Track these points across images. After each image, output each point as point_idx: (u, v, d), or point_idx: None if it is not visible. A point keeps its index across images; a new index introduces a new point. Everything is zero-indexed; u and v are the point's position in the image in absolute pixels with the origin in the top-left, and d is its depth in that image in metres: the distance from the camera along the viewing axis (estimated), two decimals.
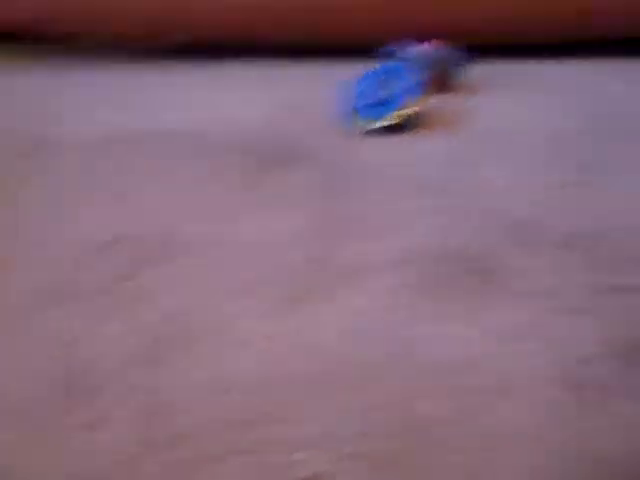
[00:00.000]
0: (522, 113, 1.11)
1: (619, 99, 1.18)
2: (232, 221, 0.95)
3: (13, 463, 0.67)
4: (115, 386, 0.74)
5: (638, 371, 0.73)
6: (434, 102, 1.06)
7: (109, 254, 0.90)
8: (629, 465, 0.65)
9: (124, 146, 1.12)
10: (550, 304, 0.81)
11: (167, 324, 0.81)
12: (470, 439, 0.67)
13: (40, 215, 0.99)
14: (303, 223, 0.92)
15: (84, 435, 0.70)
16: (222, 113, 1.16)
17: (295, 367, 0.75)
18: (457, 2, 1.17)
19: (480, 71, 1.16)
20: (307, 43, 1.24)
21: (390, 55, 1.05)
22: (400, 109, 0.98)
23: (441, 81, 1.05)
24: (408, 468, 0.65)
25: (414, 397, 0.72)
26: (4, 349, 0.80)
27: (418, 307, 0.81)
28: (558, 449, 0.66)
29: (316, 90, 1.14)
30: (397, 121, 0.99)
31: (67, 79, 1.37)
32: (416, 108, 0.97)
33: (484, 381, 0.73)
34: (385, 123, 0.99)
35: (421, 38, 1.08)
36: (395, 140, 1.02)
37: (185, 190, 1.01)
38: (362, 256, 0.87)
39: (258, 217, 0.95)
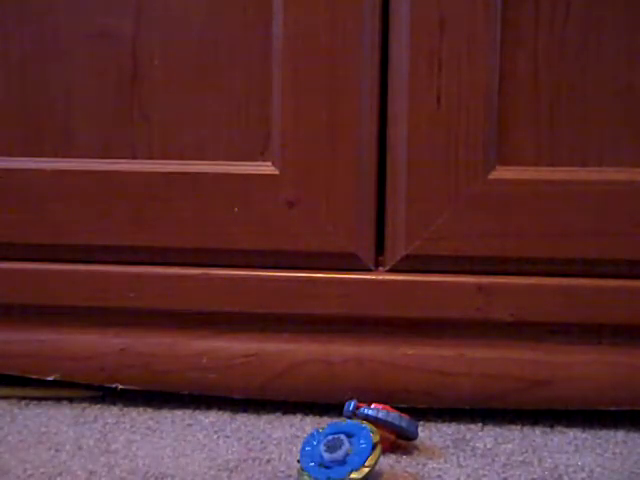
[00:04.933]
0: None
1: None
2: None
3: None
4: None
5: None
6: (386, 464, 1.01)
7: None
8: None
9: None
10: None
11: None
12: None
13: None
14: None
15: None
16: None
17: None
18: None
19: (430, 433, 1.09)
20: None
21: (340, 413, 1.02)
22: (351, 472, 0.93)
23: (393, 442, 1.02)
24: None
25: None
26: None
27: None
28: None
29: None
30: None
31: None
32: (367, 470, 0.93)
33: None
34: None
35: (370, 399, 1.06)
36: None
37: None
38: None
39: None
